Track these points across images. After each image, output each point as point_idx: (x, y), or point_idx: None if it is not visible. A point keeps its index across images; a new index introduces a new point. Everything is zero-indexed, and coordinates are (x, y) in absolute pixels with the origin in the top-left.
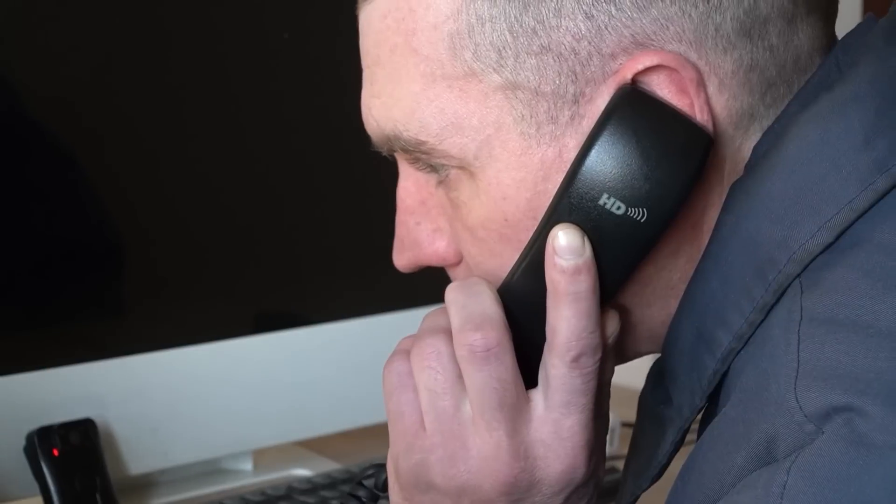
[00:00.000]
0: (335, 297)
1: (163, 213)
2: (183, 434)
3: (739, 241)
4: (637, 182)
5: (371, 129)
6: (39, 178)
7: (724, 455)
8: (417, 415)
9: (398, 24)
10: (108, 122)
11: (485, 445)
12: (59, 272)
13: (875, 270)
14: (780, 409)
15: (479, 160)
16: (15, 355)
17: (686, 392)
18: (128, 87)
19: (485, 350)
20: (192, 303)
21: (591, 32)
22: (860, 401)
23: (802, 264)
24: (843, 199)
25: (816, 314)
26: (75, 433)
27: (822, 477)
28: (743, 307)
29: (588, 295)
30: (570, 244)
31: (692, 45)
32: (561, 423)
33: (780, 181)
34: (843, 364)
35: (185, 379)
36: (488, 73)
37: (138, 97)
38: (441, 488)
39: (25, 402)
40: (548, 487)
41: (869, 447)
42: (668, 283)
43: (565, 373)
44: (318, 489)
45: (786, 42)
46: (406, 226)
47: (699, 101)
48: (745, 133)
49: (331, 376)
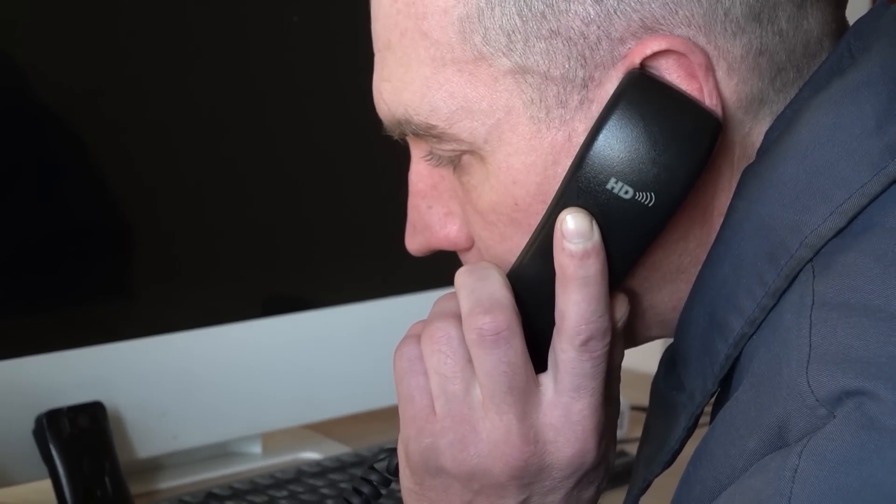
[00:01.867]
0: (345, 280)
1: (172, 197)
2: (192, 417)
3: (751, 226)
4: (645, 166)
5: (382, 112)
6: (51, 162)
7: (736, 440)
8: (428, 399)
9: (408, 8)
10: (120, 105)
11: (495, 429)
12: (67, 255)
13: (887, 254)
14: (792, 394)
15: (490, 144)
16: (24, 338)
17: (698, 377)
18: (143, 72)
19: (494, 333)
20: (202, 286)
21: (600, 16)
22: (872, 384)
23: (814, 249)
24: (855, 183)
25: (828, 298)
26: (84, 416)
27: (834, 460)
28: (755, 292)
29: (597, 279)
30: (578, 228)
31: (701, 30)
32: (571, 406)
33: (792, 166)
34: (854, 348)
35: (194, 362)
36: (498, 57)
37: (152, 81)
38: (451, 472)
39: (34, 385)
40: (558, 471)
41: (881, 430)
42: (678, 268)
43: (574, 357)
44: (328, 472)
45: (795, 26)
46: (418, 210)
47: (708, 86)
48: (754, 118)
49: (340, 359)
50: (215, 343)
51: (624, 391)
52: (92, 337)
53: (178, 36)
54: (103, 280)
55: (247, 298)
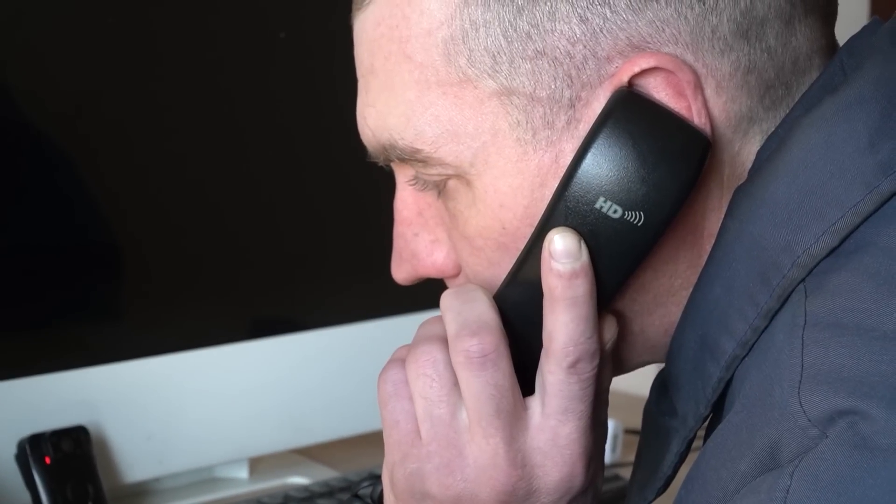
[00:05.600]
0: (331, 302)
1: (158, 219)
2: (178, 441)
3: (743, 247)
4: (634, 185)
5: (367, 139)
6: (33, 183)
7: (728, 462)
8: (413, 423)
9: (392, 32)
10: (103, 127)
11: (481, 454)
12: (50, 276)
13: (880, 274)
14: (784, 414)
15: (476, 167)
16: (6, 360)
17: (690, 401)
18: (126, 96)
19: (481, 356)
20: (187, 308)
21: (585, 36)
22: (864, 404)
23: (807, 269)
24: (847, 202)
25: (821, 318)
26: (67, 440)
27: (826, 481)
28: (747, 313)
29: (585, 299)
30: (566, 248)
31: (689, 48)
32: (558, 430)
33: (784, 185)
34: (847, 367)
35: (179, 385)
36: (483, 78)
37: (135, 104)
38: (437, 498)
39: (17, 409)
40: (546, 496)
41: (873, 450)
42: (668, 290)
43: (563, 379)
44: (315, 497)
45: (784, 44)
46: (404, 238)
47: (697, 104)
48: (744, 136)
49: (327, 382)
50: (201, 366)
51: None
52: (75, 360)
53: (161, 57)
54: (87, 302)
55: (232, 321)
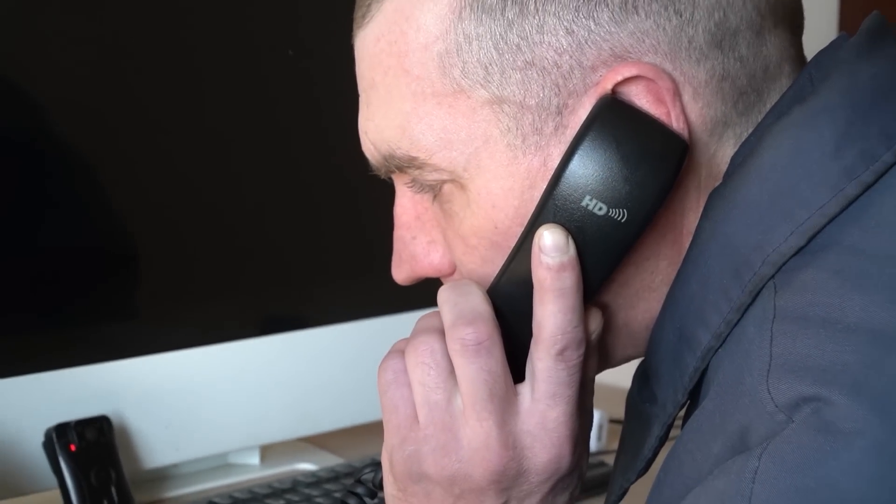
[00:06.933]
0: (336, 301)
1: (175, 224)
2: (194, 430)
3: (717, 246)
4: (618, 184)
5: (368, 151)
6: (60, 192)
7: (702, 445)
8: (411, 409)
9: (391, 47)
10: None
11: (475, 436)
12: (76, 278)
13: (844, 271)
14: (754, 401)
15: (469, 172)
16: (34, 356)
17: (669, 389)
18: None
19: (476, 343)
20: (202, 307)
21: (572, 47)
22: (827, 391)
23: (776, 266)
24: (814, 204)
25: (789, 312)
26: (91, 429)
27: (792, 462)
28: (721, 307)
29: (572, 291)
30: (555, 242)
31: (667, 57)
32: (547, 414)
33: (756, 188)
34: (812, 357)
35: (195, 378)
36: (476, 88)
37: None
38: (433, 478)
39: (44, 400)
40: (535, 476)
41: (835, 434)
42: (649, 285)
43: (551, 365)
44: (322, 482)
45: (755, 53)
46: (403, 241)
47: (675, 110)
48: (719, 140)
49: (333, 375)
50: (215, 360)
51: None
52: (99, 354)
53: (179, 72)
54: (109, 302)
55: (245, 318)
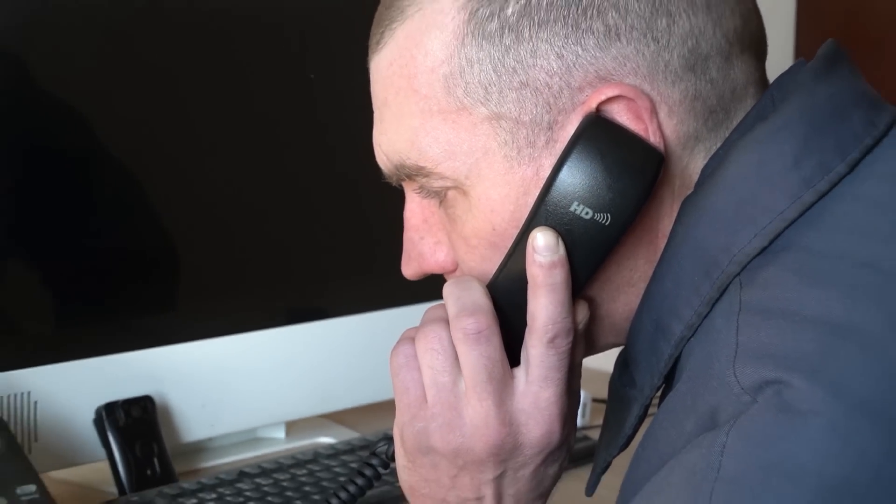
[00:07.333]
0: (352, 295)
1: (210, 227)
2: (226, 408)
3: (689, 248)
4: (602, 192)
5: (381, 162)
6: (110, 201)
7: (676, 423)
8: (420, 390)
9: (402, 70)
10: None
11: (476, 414)
12: (124, 276)
13: (802, 269)
14: (722, 384)
15: (470, 180)
16: (86, 343)
17: (647, 374)
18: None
19: (476, 332)
20: (234, 300)
21: (561, 70)
22: (788, 375)
23: (741, 265)
24: (775, 210)
25: (753, 305)
26: (136, 408)
27: (756, 438)
28: (692, 301)
29: (562, 286)
30: (546, 243)
31: (646, 79)
32: (539, 394)
33: (724, 196)
34: (774, 345)
35: (227, 363)
36: (476, 106)
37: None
38: (440, 451)
39: (95, 382)
40: (529, 449)
41: (795, 413)
42: (629, 281)
43: (543, 352)
44: (341, 454)
45: (724, 76)
46: (412, 241)
47: (652, 126)
48: (691, 153)
49: (350, 360)
50: (246, 347)
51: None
52: (143, 342)
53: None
54: (152, 295)
55: (272, 310)
